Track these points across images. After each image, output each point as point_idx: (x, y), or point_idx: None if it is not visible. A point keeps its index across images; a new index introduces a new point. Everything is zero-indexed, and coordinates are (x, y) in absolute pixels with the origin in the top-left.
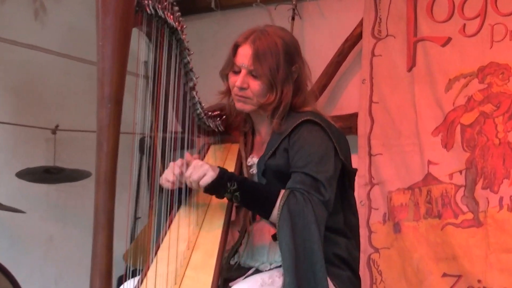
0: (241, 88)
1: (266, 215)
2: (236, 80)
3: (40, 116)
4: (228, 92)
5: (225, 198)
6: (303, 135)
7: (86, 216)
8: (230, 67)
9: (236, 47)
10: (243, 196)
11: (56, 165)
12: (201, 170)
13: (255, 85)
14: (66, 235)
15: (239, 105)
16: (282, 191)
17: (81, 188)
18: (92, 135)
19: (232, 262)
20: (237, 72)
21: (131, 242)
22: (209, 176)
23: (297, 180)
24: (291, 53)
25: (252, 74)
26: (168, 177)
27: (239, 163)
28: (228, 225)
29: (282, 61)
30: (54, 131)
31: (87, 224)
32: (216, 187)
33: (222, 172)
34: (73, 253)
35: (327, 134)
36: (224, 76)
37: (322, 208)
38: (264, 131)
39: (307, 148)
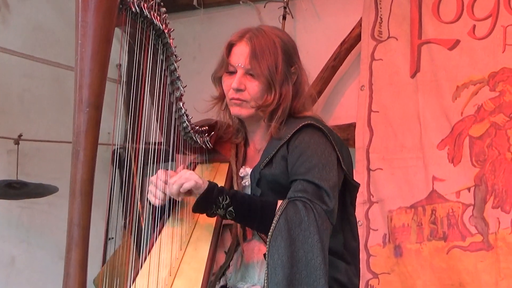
0: (238, 90)
1: (265, 230)
2: (231, 83)
3: (1, 124)
4: (221, 97)
5: (213, 218)
6: (304, 140)
7: (52, 236)
8: (224, 68)
9: (230, 46)
10: (237, 211)
11: (19, 179)
12: (189, 177)
13: (253, 86)
14: (30, 257)
15: (235, 110)
16: (280, 202)
17: (47, 205)
18: (60, 146)
19: (218, 287)
20: (232, 73)
21: (103, 265)
22: (193, 181)
23: (299, 189)
24: (289, 53)
25: (249, 73)
26: (154, 192)
27: (228, 184)
28: (215, 249)
29: (281, 60)
30: (17, 141)
31: (53, 245)
32: (206, 202)
33: (212, 185)
34: (37, 277)
35: (330, 141)
36: (217, 80)
37: (325, 218)
38: (258, 139)
39: (309, 153)
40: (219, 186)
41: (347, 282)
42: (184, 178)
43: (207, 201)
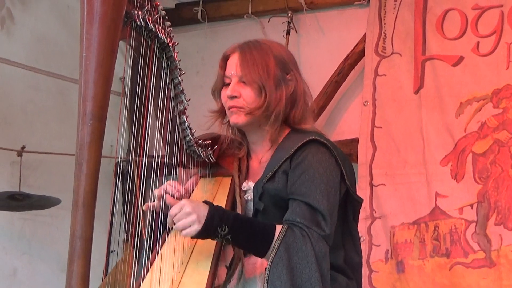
0: (232, 97)
1: (261, 255)
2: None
3: (4, 135)
4: (221, 111)
5: None
6: (308, 158)
7: (54, 249)
8: (221, 82)
9: (225, 60)
10: (235, 239)
11: (22, 191)
12: (187, 220)
13: (247, 92)
14: (31, 269)
15: (233, 118)
16: (279, 227)
17: (49, 217)
18: (62, 158)
19: None
20: (229, 85)
21: (104, 278)
22: (194, 229)
23: (297, 212)
24: (283, 61)
25: (242, 81)
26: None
27: (231, 198)
28: (216, 263)
29: (273, 66)
30: (20, 153)
31: (55, 257)
32: (205, 235)
33: (211, 217)
34: None
35: (334, 156)
36: (217, 93)
37: (322, 243)
38: (260, 150)
39: (311, 173)
40: (218, 213)
41: None
42: (187, 222)
43: (206, 234)
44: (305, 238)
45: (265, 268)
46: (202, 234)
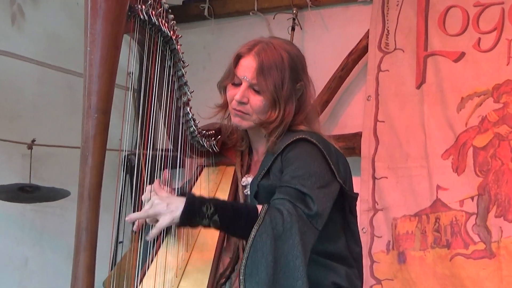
0: (240, 103)
1: (246, 236)
2: (235, 93)
3: (15, 129)
4: (225, 105)
5: None
6: (295, 152)
7: (64, 239)
8: (230, 79)
9: (238, 58)
10: (222, 219)
11: (32, 183)
12: (153, 210)
13: (256, 101)
14: (42, 259)
15: (236, 120)
16: (260, 206)
17: (59, 209)
18: (71, 151)
19: None
20: (237, 85)
21: (112, 268)
22: (165, 220)
23: (281, 191)
24: (296, 69)
25: (253, 88)
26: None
27: (234, 187)
28: (220, 251)
29: (288, 77)
30: (30, 146)
31: (65, 247)
32: (189, 216)
33: (191, 200)
34: (50, 278)
35: (323, 154)
36: (222, 88)
37: (307, 222)
38: (261, 150)
39: (296, 164)
40: (198, 196)
41: (347, 286)
42: (152, 212)
43: (191, 214)
44: (290, 212)
45: (248, 237)
46: (186, 215)
